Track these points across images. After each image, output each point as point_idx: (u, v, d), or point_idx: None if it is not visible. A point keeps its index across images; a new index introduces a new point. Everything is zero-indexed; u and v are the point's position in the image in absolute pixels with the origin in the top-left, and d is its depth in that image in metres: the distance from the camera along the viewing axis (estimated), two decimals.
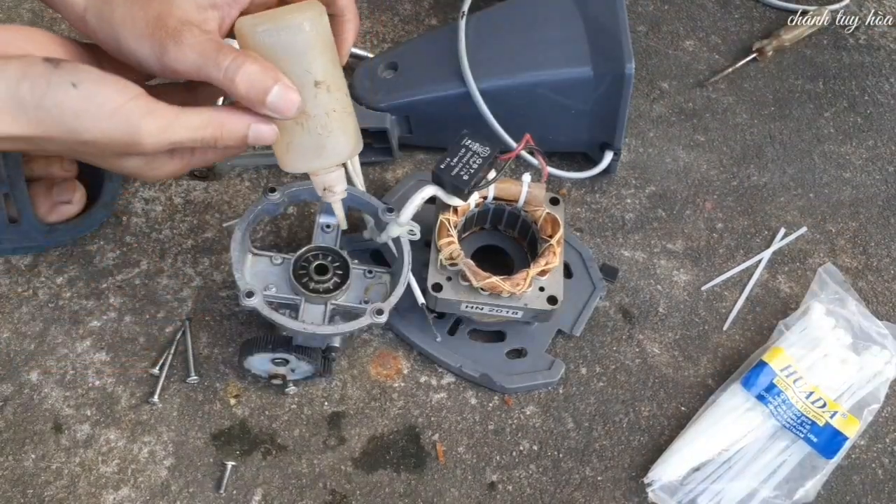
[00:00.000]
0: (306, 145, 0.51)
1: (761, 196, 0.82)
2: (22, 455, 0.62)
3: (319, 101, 0.50)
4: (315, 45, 0.49)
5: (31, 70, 0.44)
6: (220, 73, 0.46)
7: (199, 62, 0.46)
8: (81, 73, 0.45)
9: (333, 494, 0.62)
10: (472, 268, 0.62)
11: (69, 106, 0.45)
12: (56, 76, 0.44)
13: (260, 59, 0.46)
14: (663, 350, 0.72)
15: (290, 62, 0.48)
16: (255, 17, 0.48)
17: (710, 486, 0.63)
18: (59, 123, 0.45)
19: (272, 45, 0.47)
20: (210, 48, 0.45)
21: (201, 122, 0.47)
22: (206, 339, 0.68)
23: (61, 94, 0.44)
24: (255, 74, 0.46)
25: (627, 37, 0.70)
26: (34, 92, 0.44)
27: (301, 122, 0.50)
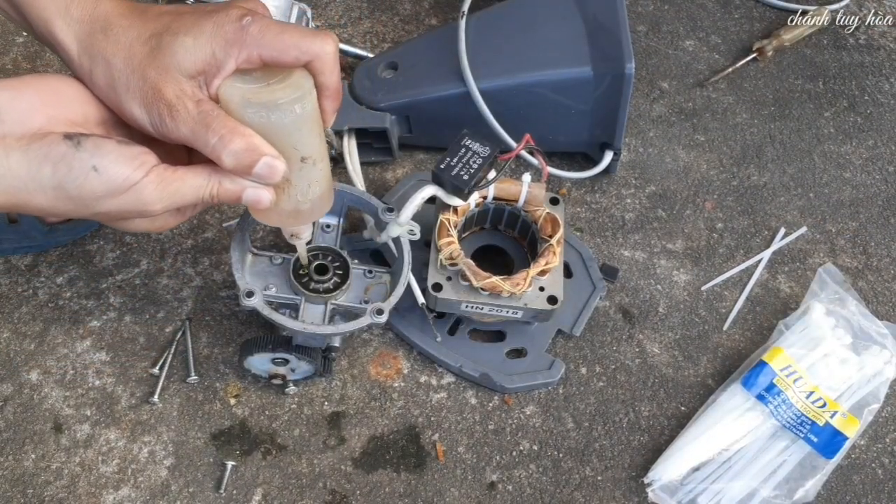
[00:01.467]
0: (285, 208, 0.53)
1: (761, 196, 0.82)
2: (22, 455, 0.62)
3: (304, 173, 0.51)
4: (304, 125, 0.49)
5: (53, 152, 0.45)
6: (209, 149, 0.47)
7: (190, 136, 0.47)
8: (101, 154, 0.46)
9: (333, 494, 0.62)
10: (472, 268, 0.62)
11: (89, 189, 0.46)
12: (77, 161, 0.46)
13: (246, 133, 0.47)
14: (663, 350, 0.72)
15: (278, 139, 0.49)
16: (244, 88, 0.48)
17: (710, 486, 0.63)
18: (76, 200, 0.47)
19: (261, 124, 0.48)
20: (200, 124, 0.47)
21: (202, 182, 0.49)
22: (206, 339, 0.68)
23: (81, 178, 0.46)
24: (240, 153, 0.47)
25: (627, 37, 0.70)
26: (56, 175, 0.46)
27: (283, 188, 0.51)
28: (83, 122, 0.49)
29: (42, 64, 0.83)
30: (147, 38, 0.48)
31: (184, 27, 0.48)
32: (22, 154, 0.45)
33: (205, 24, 0.48)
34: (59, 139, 0.46)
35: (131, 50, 0.48)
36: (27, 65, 0.83)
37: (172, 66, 0.47)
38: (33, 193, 0.46)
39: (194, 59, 0.47)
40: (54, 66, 0.83)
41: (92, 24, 0.49)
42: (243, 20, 0.48)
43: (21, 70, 0.82)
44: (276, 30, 0.48)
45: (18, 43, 0.84)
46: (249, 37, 0.47)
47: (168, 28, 0.48)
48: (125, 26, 0.48)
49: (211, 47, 0.47)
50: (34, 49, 0.84)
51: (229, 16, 0.48)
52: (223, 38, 0.47)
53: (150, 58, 0.47)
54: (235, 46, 0.47)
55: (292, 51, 0.48)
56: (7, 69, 0.82)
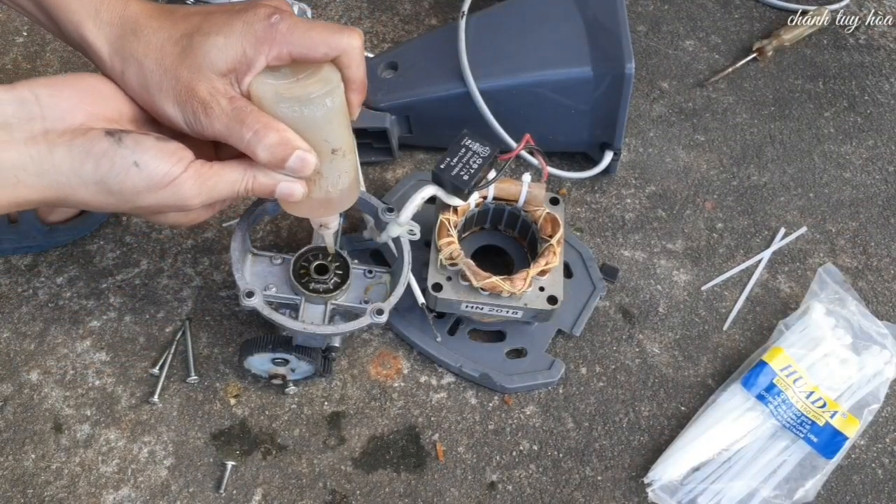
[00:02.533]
0: (316, 200, 0.53)
1: (761, 196, 0.82)
2: (22, 455, 0.62)
3: (334, 165, 0.52)
4: (334, 118, 0.50)
5: (95, 148, 0.46)
6: (244, 144, 0.49)
7: (225, 132, 0.48)
8: (142, 150, 0.47)
9: (333, 494, 0.62)
10: (472, 268, 0.62)
11: (130, 184, 0.47)
12: (119, 157, 0.46)
13: (279, 128, 0.48)
14: (663, 350, 0.72)
15: (310, 132, 0.50)
16: (276, 84, 0.49)
17: (710, 486, 0.63)
18: (117, 195, 0.48)
19: (294, 118, 0.49)
20: (235, 120, 0.48)
21: (238, 176, 0.50)
22: (206, 339, 0.68)
23: (123, 174, 0.47)
24: (274, 147, 0.48)
25: (627, 37, 0.70)
26: (98, 171, 0.47)
27: (314, 180, 0.52)
28: (118, 118, 0.50)
29: (42, 64, 0.83)
30: (178, 38, 0.49)
31: (214, 27, 0.49)
32: (66, 150, 0.46)
33: (235, 23, 0.49)
34: (101, 135, 0.47)
35: (163, 51, 0.49)
36: (27, 65, 0.83)
37: (205, 65, 0.48)
38: (76, 188, 0.47)
39: (226, 58, 0.48)
40: (54, 66, 0.83)
41: (122, 26, 0.50)
42: (272, 18, 0.48)
43: (21, 70, 0.82)
44: (304, 27, 0.49)
45: (18, 43, 0.84)
46: (279, 34, 0.48)
47: (198, 28, 0.49)
48: (155, 27, 0.49)
49: (242, 46, 0.48)
50: (34, 49, 0.84)
51: (258, 14, 0.49)
52: (253, 36, 0.48)
53: (182, 57, 0.48)
54: (266, 44, 0.48)
55: (321, 47, 0.49)
56: (7, 69, 0.82)
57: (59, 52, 0.84)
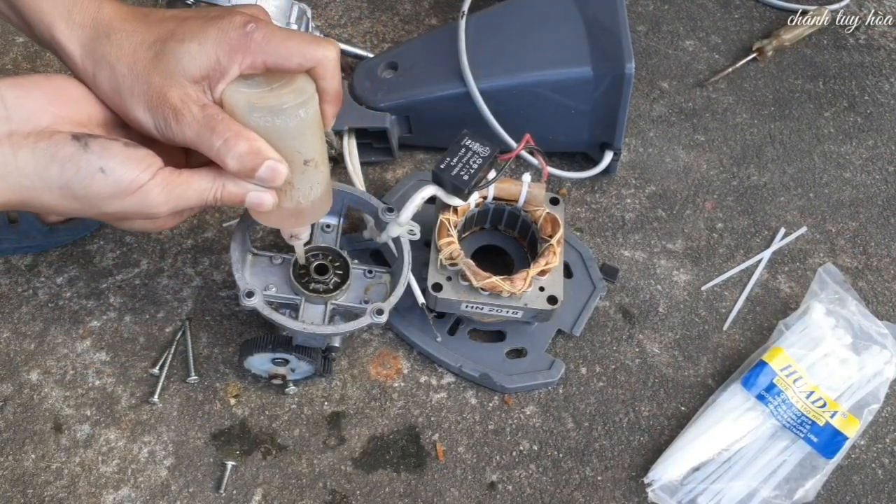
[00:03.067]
0: (286, 210, 0.53)
1: (761, 196, 0.82)
2: (22, 455, 0.62)
3: (306, 176, 0.52)
4: (307, 129, 0.50)
5: (61, 152, 0.46)
6: (213, 152, 0.48)
7: (195, 140, 0.48)
8: (109, 156, 0.46)
9: (333, 494, 0.62)
10: (472, 268, 0.62)
11: (96, 190, 0.46)
12: (85, 162, 0.46)
13: (250, 137, 0.48)
14: (663, 350, 0.72)
15: (282, 143, 0.49)
16: (249, 93, 0.48)
17: (710, 486, 0.63)
18: (82, 200, 0.47)
19: (266, 128, 0.48)
20: (205, 128, 0.47)
21: (207, 185, 0.50)
22: (206, 339, 0.68)
23: (89, 179, 0.46)
24: (244, 157, 0.48)
25: (627, 37, 0.70)
26: (63, 175, 0.46)
27: (285, 190, 0.52)
28: (87, 122, 0.49)
29: (42, 64, 0.83)
30: (151, 43, 0.48)
31: (188, 33, 0.48)
32: (30, 152, 0.45)
33: (209, 30, 0.48)
34: (68, 139, 0.46)
35: (135, 55, 0.48)
36: (27, 65, 0.83)
37: (177, 71, 0.47)
38: (40, 191, 0.46)
39: (199, 65, 0.48)
40: (54, 66, 0.83)
41: (95, 28, 0.49)
42: (247, 27, 0.48)
43: (21, 70, 0.82)
44: (279, 36, 0.48)
45: (18, 43, 0.84)
46: (254, 43, 0.48)
47: (172, 34, 0.48)
48: (129, 31, 0.49)
49: (216, 53, 0.48)
50: (34, 49, 0.84)
51: (233, 22, 0.48)
52: (228, 44, 0.48)
53: (155, 63, 0.48)
54: (240, 53, 0.48)
55: (296, 57, 0.49)
56: (7, 69, 0.82)
57: None
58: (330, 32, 0.89)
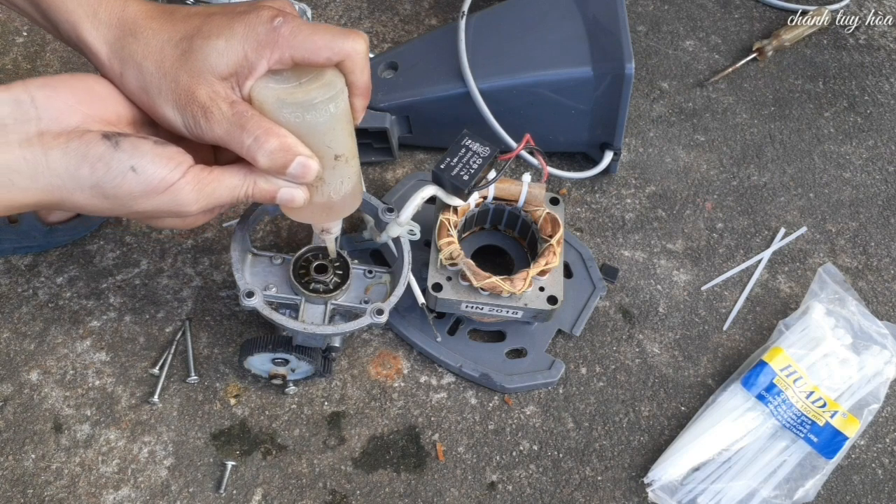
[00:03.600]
0: (318, 205, 0.53)
1: (761, 196, 0.82)
2: (22, 455, 0.62)
3: (337, 171, 0.51)
4: (337, 124, 0.50)
5: (91, 151, 0.45)
6: (244, 150, 0.48)
7: (225, 137, 0.48)
8: (139, 155, 0.46)
9: (333, 494, 0.62)
10: (472, 268, 0.62)
11: (127, 189, 0.46)
12: (115, 161, 0.46)
13: (280, 134, 0.48)
14: (663, 350, 0.72)
15: (312, 138, 0.49)
16: (278, 89, 0.48)
17: (710, 486, 0.63)
18: (113, 199, 0.47)
19: (296, 124, 0.48)
20: (235, 125, 0.47)
21: (238, 182, 0.50)
22: (206, 339, 0.68)
23: (120, 179, 0.46)
24: (275, 153, 0.48)
25: (627, 37, 0.70)
26: (94, 175, 0.46)
27: (316, 186, 0.52)
28: (116, 121, 0.49)
29: (42, 64, 0.83)
30: (178, 41, 0.48)
31: (215, 30, 0.48)
32: (61, 152, 0.45)
33: (236, 26, 0.48)
34: (98, 138, 0.46)
35: (162, 53, 0.48)
36: (27, 65, 0.83)
37: (205, 68, 0.47)
38: (72, 192, 0.46)
39: (227, 62, 0.47)
40: (54, 66, 0.83)
41: (121, 27, 0.49)
42: (274, 21, 0.47)
43: (21, 70, 0.82)
44: (307, 31, 0.48)
45: (18, 43, 0.84)
46: (281, 38, 0.47)
47: (199, 31, 0.48)
48: (155, 29, 0.48)
49: (243, 49, 0.47)
50: (34, 49, 0.84)
51: (260, 17, 0.48)
52: (255, 40, 0.47)
53: (182, 61, 0.47)
54: (268, 48, 0.47)
55: (324, 52, 0.48)
56: (7, 69, 0.82)
57: (59, 52, 0.84)
58: None
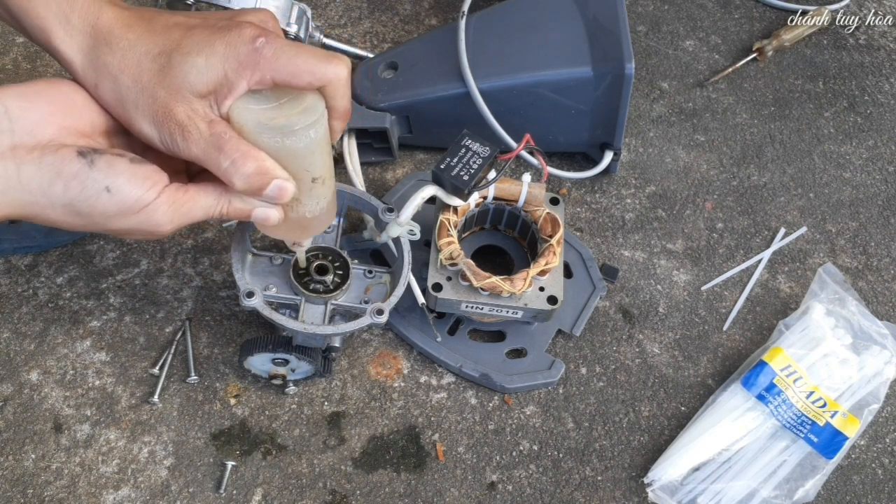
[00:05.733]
0: (292, 224, 0.53)
1: (761, 196, 0.82)
2: (22, 455, 0.62)
3: (314, 193, 0.51)
4: (316, 148, 0.49)
5: (66, 169, 0.45)
6: (220, 171, 0.47)
7: (201, 157, 0.47)
8: (114, 175, 0.45)
9: (333, 494, 0.62)
10: (472, 268, 0.62)
11: (101, 209, 0.46)
12: (90, 180, 0.45)
13: (258, 157, 0.47)
14: (663, 350, 0.72)
15: (291, 162, 0.49)
16: (258, 111, 0.47)
17: (710, 486, 0.63)
18: (86, 217, 0.46)
19: (275, 148, 0.48)
20: (212, 146, 0.47)
21: (213, 202, 0.49)
22: (206, 339, 0.68)
23: (94, 198, 0.45)
24: (252, 177, 0.47)
25: (627, 37, 0.70)
26: (68, 193, 0.45)
27: (291, 206, 0.51)
28: (90, 132, 0.48)
29: (42, 64, 0.83)
30: (156, 55, 0.47)
31: (195, 46, 0.46)
32: (35, 168, 0.44)
33: (217, 43, 0.46)
34: (73, 155, 0.45)
35: (139, 67, 0.47)
36: (27, 65, 0.83)
37: (184, 86, 0.46)
38: (43, 207, 0.46)
39: (206, 80, 0.46)
40: (54, 66, 0.83)
41: (95, 36, 0.47)
42: (257, 42, 0.46)
43: (21, 70, 0.82)
44: (289, 53, 0.47)
45: (18, 43, 0.84)
46: (263, 60, 0.46)
47: (178, 46, 0.47)
48: (131, 40, 0.47)
49: (223, 68, 0.46)
50: (34, 49, 0.84)
51: (242, 36, 0.46)
52: (236, 59, 0.46)
53: (160, 76, 0.46)
54: (248, 69, 0.46)
55: (306, 76, 0.47)
56: (7, 69, 0.82)
57: None
58: (330, 32, 0.89)
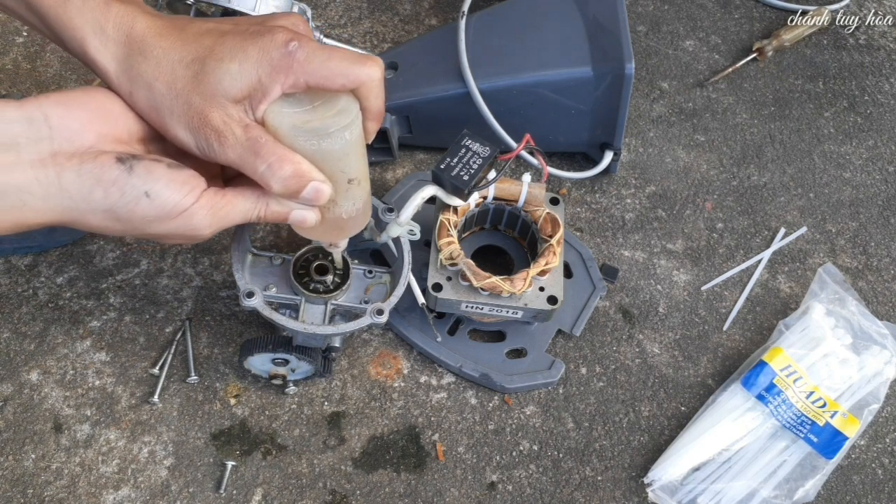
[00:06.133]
0: (329, 224, 0.53)
1: (761, 196, 0.82)
2: (22, 455, 0.62)
3: (350, 194, 0.52)
4: (352, 150, 0.50)
5: (105, 175, 0.45)
6: (257, 175, 0.48)
7: (238, 162, 0.47)
8: (153, 180, 0.46)
9: (333, 494, 0.62)
10: (472, 268, 0.62)
11: (140, 214, 0.46)
12: (129, 186, 0.45)
13: (294, 160, 0.47)
14: (663, 350, 0.72)
15: (327, 164, 0.49)
16: (293, 115, 0.48)
17: (710, 486, 0.63)
18: (126, 222, 0.47)
19: (311, 150, 0.48)
20: (248, 151, 0.47)
21: (251, 205, 0.50)
22: (206, 339, 0.68)
23: (133, 204, 0.46)
24: (288, 180, 0.47)
25: (627, 37, 0.70)
26: (108, 199, 0.45)
27: (328, 207, 0.52)
28: (128, 139, 0.49)
29: (42, 64, 0.83)
30: (189, 62, 0.47)
31: (228, 52, 0.47)
32: (75, 174, 0.45)
33: (250, 49, 0.47)
34: (112, 162, 0.45)
35: (173, 74, 0.47)
36: (27, 65, 0.83)
37: (218, 91, 0.46)
38: (84, 213, 0.46)
39: (240, 86, 0.46)
40: (54, 66, 0.83)
41: (129, 45, 0.48)
42: (289, 45, 0.46)
43: (21, 70, 0.82)
44: (322, 56, 0.47)
45: (18, 43, 0.84)
46: (296, 63, 0.46)
47: (211, 52, 0.47)
48: (165, 48, 0.47)
49: (257, 73, 0.46)
50: (34, 49, 0.84)
51: (275, 41, 0.47)
52: (269, 64, 0.46)
53: (194, 83, 0.47)
54: (282, 73, 0.46)
55: (339, 78, 0.47)
56: (7, 69, 0.82)
57: (59, 52, 0.84)
58: (330, 32, 0.89)
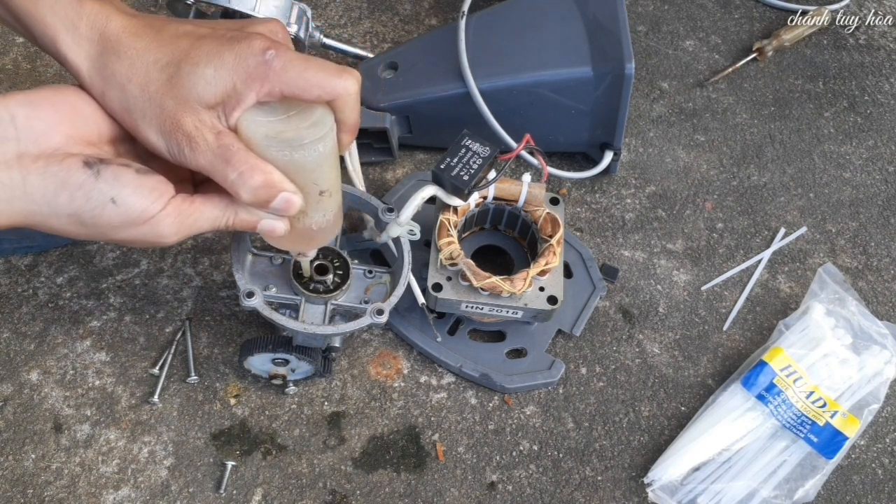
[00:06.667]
0: (298, 235, 0.53)
1: (761, 196, 0.82)
2: (22, 455, 0.62)
3: (321, 205, 0.51)
4: (325, 162, 0.49)
5: (71, 179, 0.44)
6: (227, 183, 0.47)
7: (208, 168, 0.47)
8: (120, 186, 0.45)
9: (333, 494, 0.62)
10: (472, 268, 0.62)
11: (106, 220, 0.45)
12: (96, 191, 0.44)
13: (265, 170, 0.47)
14: (663, 350, 0.72)
15: (299, 175, 0.48)
16: (266, 124, 0.47)
17: (710, 486, 0.63)
18: (91, 227, 0.46)
19: (283, 161, 0.47)
20: (219, 158, 0.46)
21: (219, 213, 0.49)
22: (206, 339, 0.68)
23: (99, 210, 0.45)
24: (258, 190, 0.47)
25: (627, 37, 0.70)
26: (73, 203, 0.45)
27: (298, 217, 0.51)
28: (97, 140, 0.48)
29: (42, 64, 0.83)
30: (164, 64, 0.46)
31: (204, 57, 0.46)
32: (40, 177, 0.44)
33: (226, 54, 0.46)
34: (79, 166, 0.44)
35: (147, 76, 0.46)
36: (27, 65, 0.83)
37: (191, 96, 0.46)
38: (48, 217, 0.45)
39: (214, 91, 0.46)
40: (54, 66, 0.83)
41: (102, 44, 0.47)
42: (266, 54, 0.46)
43: (21, 70, 0.82)
44: (299, 66, 0.46)
45: (18, 43, 0.84)
46: (272, 72, 0.46)
47: (187, 56, 0.46)
48: (140, 49, 0.47)
49: (232, 80, 0.46)
50: (34, 49, 0.84)
51: (252, 48, 0.46)
52: (245, 71, 0.46)
53: (168, 86, 0.46)
54: (257, 81, 0.46)
55: (315, 90, 0.47)
56: (7, 69, 0.82)
57: None
58: (330, 32, 0.89)
